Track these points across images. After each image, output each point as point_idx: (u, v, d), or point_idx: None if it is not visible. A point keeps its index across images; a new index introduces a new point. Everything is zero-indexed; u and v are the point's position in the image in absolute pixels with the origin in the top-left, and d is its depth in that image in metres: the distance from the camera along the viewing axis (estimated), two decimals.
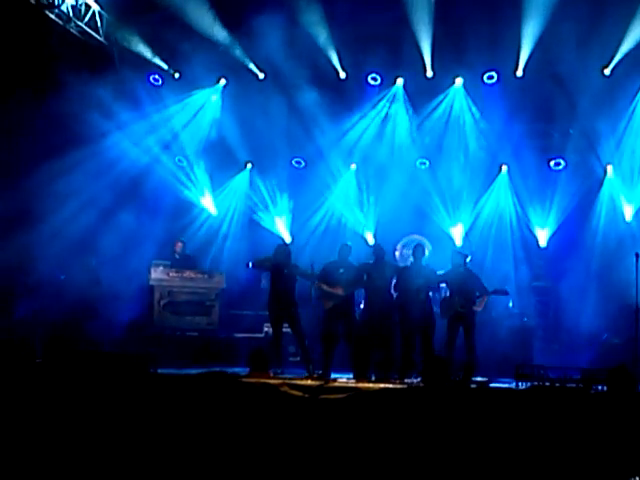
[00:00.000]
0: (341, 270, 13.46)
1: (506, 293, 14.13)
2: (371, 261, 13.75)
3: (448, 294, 13.70)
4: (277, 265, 13.68)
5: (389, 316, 13.34)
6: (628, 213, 16.69)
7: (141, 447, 8.61)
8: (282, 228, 18.07)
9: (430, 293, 13.55)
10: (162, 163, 17.89)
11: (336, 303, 13.32)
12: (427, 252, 14.37)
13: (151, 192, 17.60)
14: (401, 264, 15.76)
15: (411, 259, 14.14)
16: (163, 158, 17.92)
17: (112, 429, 8.84)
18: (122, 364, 10.79)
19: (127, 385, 9.61)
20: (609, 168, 16.91)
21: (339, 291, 13.33)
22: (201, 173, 18.25)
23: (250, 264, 14.51)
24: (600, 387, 10.17)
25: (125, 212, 16.77)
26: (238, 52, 17.13)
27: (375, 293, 13.42)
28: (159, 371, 11.44)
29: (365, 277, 13.49)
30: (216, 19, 16.36)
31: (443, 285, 13.91)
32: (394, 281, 13.67)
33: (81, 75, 16.08)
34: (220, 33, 16.62)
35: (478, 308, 13.37)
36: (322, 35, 16.45)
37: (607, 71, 16.05)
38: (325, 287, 13.42)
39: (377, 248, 13.99)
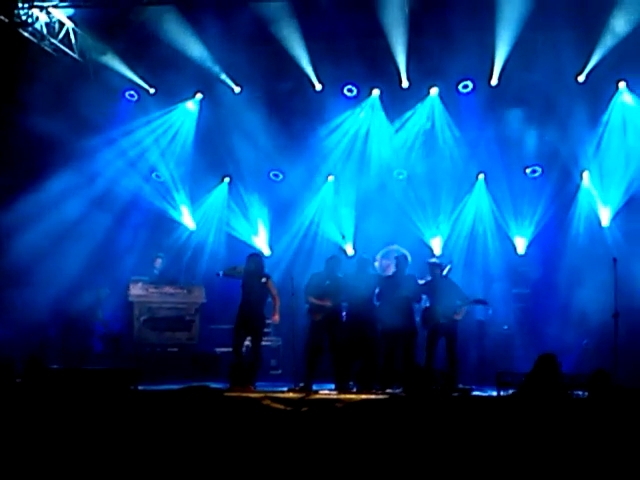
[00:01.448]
0: (327, 282, 13.45)
1: (485, 303, 14.25)
2: (353, 272, 13.75)
3: (429, 304, 13.73)
4: (249, 275, 13.58)
5: (372, 327, 13.35)
6: (605, 218, 16.77)
7: (123, 465, 8.54)
8: (261, 241, 18.04)
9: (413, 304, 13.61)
10: (139, 179, 17.84)
11: (325, 315, 13.30)
12: (409, 262, 14.36)
13: (128, 208, 17.55)
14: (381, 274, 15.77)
15: (393, 269, 14.17)
16: (140, 174, 17.87)
17: (93, 447, 8.77)
18: (102, 381, 10.74)
19: (108, 402, 9.55)
20: (585, 174, 16.99)
21: (327, 303, 13.31)
22: (179, 188, 18.21)
23: (220, 273, 14.37)
24: (581, 393, 10.20)
25: (102, 228, 16.76)
26: (214, 66, 17.11)
27: (358, 304, 13.42)
28: (140, 388, 11.39)
29: (348, 288, 13.49)
30: (192, 34, 16.34)
31: (424, 295, 13.93)
32: (377, 291, 13.69)
33: (57, 92, 16.08)
34: (196, 48, 16.60)
35: (459, 317, 13.45)
36: (297, 47, 16.46)
37: (581, 78, 16.15)
38: (314, 300, 13.40)
39: (360, 259, 14.01)
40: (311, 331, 13.48)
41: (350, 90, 17.46)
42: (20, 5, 15.23)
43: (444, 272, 14.01)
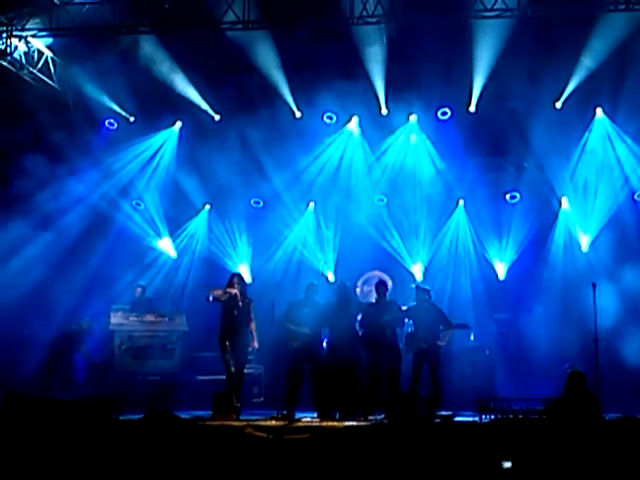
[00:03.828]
0: (306, 309, 13.41)
1: (468, 327, 14.26)
2: (335, 299, 13.71)
3: (412, 329, 13.72)
4: (233, 297, 13.40)
5: (354, 353, 13.28)
6: (584, 243, 16.89)
7: None
8: (242, 269, 18.01)
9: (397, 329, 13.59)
10: (119, 207, 17.84)
11: (303, 342, 13.24)
12: (389, 287, 14.38)
13: (109, 236, 17.51)
14: (363, 301, 15.76)
15: (375, 296, 14.19)
16: (120, 202, 17.87)
17: (74, 477, 8.70)
18: (82, 412, 10.65)
19: (88, 432, 9.47)
20: (564, 200, 17.12)
21: (305, 330, 13.26)
22: (159, 216, 18.18)
23: (210, 298, 14.05)
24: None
25: (83, 257, 16.72)
26: (193, 94, 17.15)
27: (340, 331, 13.34)
28: (121, 417, 11.30)
29: (330, 315, 13.45)
30: (171, 62, 16.40)
31: (407, 320, 13.91)
32: (359, 318, 13.66)
33: (35, 122, 16.10)
34: (175, 76, 16.65)
35: (442, 342, 13.43)
36: (277, 75, 16.54)
37: (558, 104, 16.31)
38: (291, 326, 13.35)
39: (342, 286, 13.99)
40: (290, 359, 13.40)
41: (330, 117, 17.54)
42: None
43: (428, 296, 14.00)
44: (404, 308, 13.82)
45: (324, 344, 14.39)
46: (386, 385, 13.21)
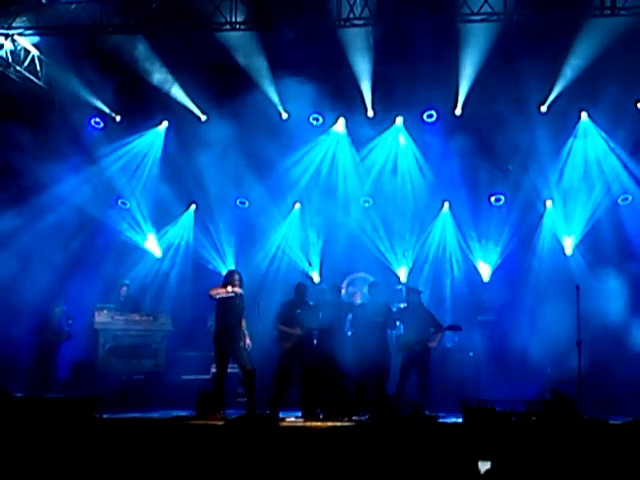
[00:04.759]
0: (298, 310, 13.42)
1: (460, 329, 14.26)
2: (326, 299, 13.73)
3: (403, 331, 13.75)
4: (238, 295, 13.12)
5: (342, 354, 13.30)
6: (568, 247, 16.99)
7: None
8: (227, 268, 18.01)
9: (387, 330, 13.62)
10: (104, 206, 17.79)
11: (294, 343, 13.25)
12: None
13: (94, 235, 17.49)
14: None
15: (360, 296, 14.22)
16: (106, 201, 17.83)
17: (57, 476, 8.69)
18: (66, 410, 10.63)
19: (71, 431, 9.46)
20: (548, 203, 17.21)
21: (297, 331, 13.27)
22: (144, 215, 18.17)
23: (217, 298, 13.10)
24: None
25: (67, 256, 16.68)
26: (180, 94, 17.16)
27: (328, 332, 13.37)
28: (104, 416, 11.30)
29: (320, 316, 13.47)
30: (158, 62, 16.40)
31: (398, 323, 13.94)
32: (349, 318, 13.69)
33: (21, 120, 16.06)
34: (162, 75, 16.65)
35: (433, 344, 13.47)
36: (263, 76, 16.56)
37: (543, 108, 16.38)
38: (283, 327, 13.35)
39: (333, 287, 14.04)
40: (281, 359, 13.37)
41: (316, 119, 17.58)
42: None
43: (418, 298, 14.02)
44: (395, 309, 13.87)
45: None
46: (374, 386, 13.24)
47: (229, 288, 12.96)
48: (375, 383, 13.24)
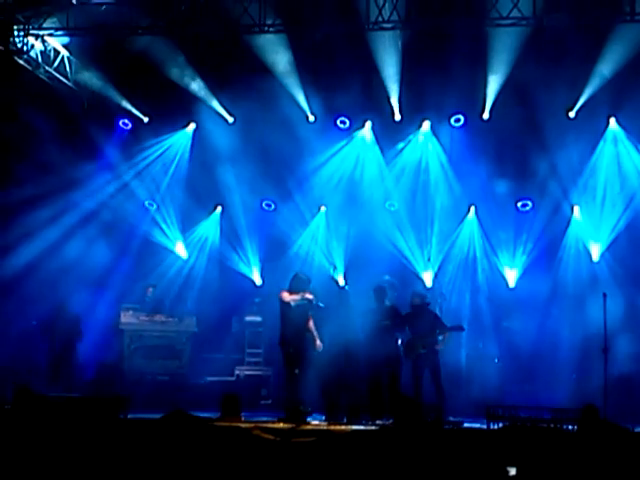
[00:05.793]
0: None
1: (462, 329, 14.24)
2: (335, 304, 13.70)
3: (410, 335, 13.73)
4: (310, 301, 13.12)
5: (355, 358, 13.28)
6: (595, 253, 16.85)
7: None
8: (253, 271, 18.05)
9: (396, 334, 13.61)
10: (132, 207, 17.87)
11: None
12: (389, 293, 14.25)
13: (121, 236, 17.57)
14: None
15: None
16: (133, 202, 17.91)
17: (82, 475, 8.72)
18: (91, 409, 10.68)
19: (96, 431, 9.49)
20: (576, 209, 17.09)
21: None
22: (171, 216, 18.22)
23: (292, 304, 13.07)
24: (570, 427, 10.21)
25: (95, 255, 16.76)
26: (207, 96, 17.21)
27: (340, 335, 13.35)
28: (129, 416, 11.33)
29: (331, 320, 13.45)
30: (186, 64, 16.46)
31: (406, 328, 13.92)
32: (360, 322, 13.67)
33: (50, 120, 16.16)
34: (190, 77, 16.71)
35: (440, 346, 13.44)
36: (291, 79, 16.58)
37: (572, 113, 16.29)
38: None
39: (342, 291, 14.06)
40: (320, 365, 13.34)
41: (343, 122, 17.57)
42: (16, 33, 15.32)
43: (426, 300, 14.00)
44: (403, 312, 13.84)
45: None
46: (387, 390, 13.25)
47: (307, 295, 12.99)
48: (387, 387, 13.26)
